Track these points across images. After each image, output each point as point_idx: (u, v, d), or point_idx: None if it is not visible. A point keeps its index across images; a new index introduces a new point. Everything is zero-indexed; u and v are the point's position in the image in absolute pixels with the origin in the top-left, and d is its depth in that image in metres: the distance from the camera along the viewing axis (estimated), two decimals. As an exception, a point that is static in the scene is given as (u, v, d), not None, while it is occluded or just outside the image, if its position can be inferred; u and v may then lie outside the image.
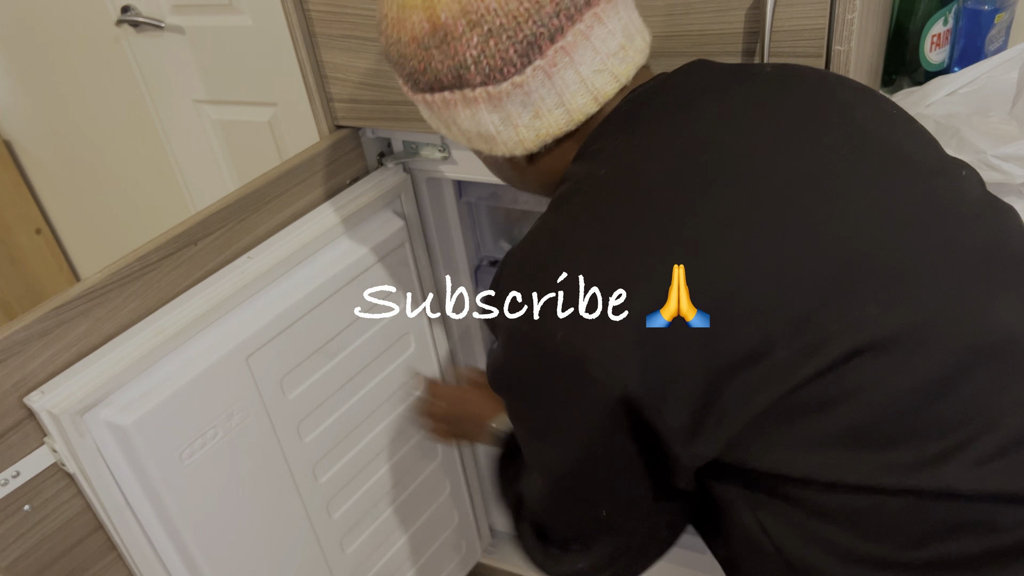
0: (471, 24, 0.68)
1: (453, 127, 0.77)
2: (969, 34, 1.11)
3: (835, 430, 0.60)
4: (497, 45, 0.68)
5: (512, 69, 0.69)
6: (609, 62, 0.72)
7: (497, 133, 0.74)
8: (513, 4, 0.68)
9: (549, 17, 0.68)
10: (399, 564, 1.46)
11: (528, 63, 0.69)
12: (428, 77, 0.72)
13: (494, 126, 0.74)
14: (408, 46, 0.72)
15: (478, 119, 0.73)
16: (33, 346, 0.89)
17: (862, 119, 0.71)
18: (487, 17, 0.68)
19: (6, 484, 0.88)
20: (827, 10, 0.86)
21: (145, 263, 0.97)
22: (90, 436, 0.92)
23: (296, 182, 1.13)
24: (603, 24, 0.71)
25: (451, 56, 0.70)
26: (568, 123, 0.73)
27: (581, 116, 0.73)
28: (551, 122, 0.73)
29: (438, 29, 0.69)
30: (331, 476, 1.24)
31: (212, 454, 1.03)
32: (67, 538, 0.96)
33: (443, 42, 0.69)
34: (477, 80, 0.70)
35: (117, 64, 2.10)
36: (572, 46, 0.70)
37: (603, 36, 0.71)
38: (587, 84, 0.72)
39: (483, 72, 0.70)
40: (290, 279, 1.10)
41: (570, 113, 0.73)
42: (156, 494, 0.98)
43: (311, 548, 1.24)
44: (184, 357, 0.98)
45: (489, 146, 0.77)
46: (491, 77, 0.70)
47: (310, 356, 1.15)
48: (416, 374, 1.34)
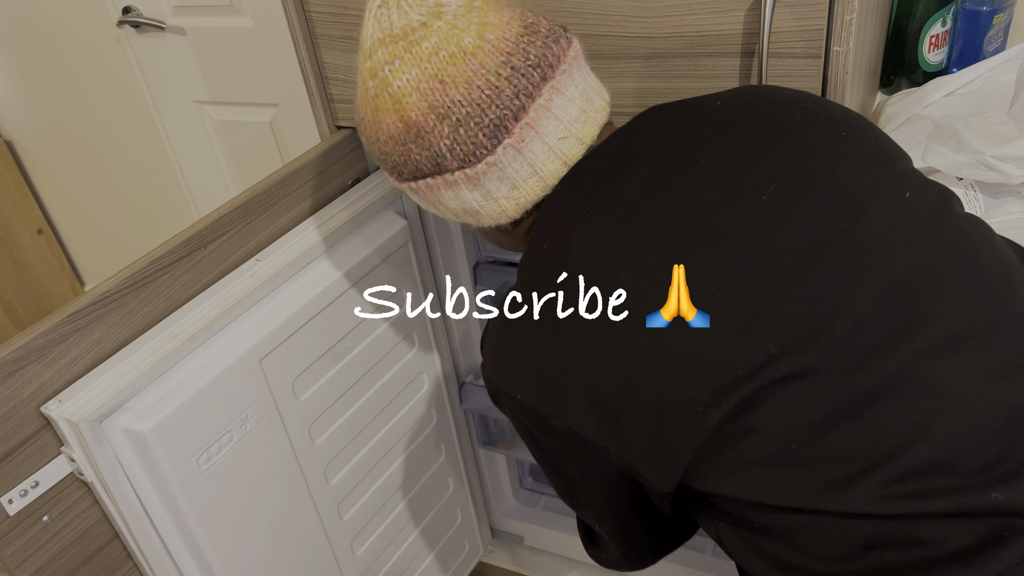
0: (440, 117, 0.75)
1: (440, 207, 0.83)
2: (967, 35, 1.11)
3: (753, 457, 0.65)
4: (467, 132, 0.75)
5: (484, 151, 0.76)
6: (573, 127, 0.78)
7: (481, 208, 0.80)
8: (475, 93, 0.74)
9: (509, 99, 0.74)
10: (406, 564, 1.47)
11: (498, 143, 0.75)
12: (410, 168, 0.79)
13: (477, 202, 0.80)
14: (387, 144, 0.79)
15: (461, 198, 0.80)
16: (50, 354, 0.88)
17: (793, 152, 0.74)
18: (453, 109, 0.74)
19: (25, 495, 0.88)
20: (826, 11, 0.86)
21: (157, 267, 0.97)
22: (108, 444, 0.92)
23: (301, 183, 1.14)
24: (562, 94, 0.77)
25: (427, 148, 0.76)
26: (544, 188, 0.79)
27: (554, 180, 0.79)
28: (528, 191, 0.79)
29: (411, 127, 0.76)
30: (341, 478, 1.25)
31: (228, 458, 1.03)
32: (85, 549, 0.96)
33: (417, 137, 0.76)
34: (454, 165, 0.76)
35: (118, 65, 2.10)
36: (536, 120, 0.76)
37: (563, 105, 0.77)
38: (555, 151, 0.78)
39: (458, 158, 0.76)
40: (299, 280, 1.11)
41: (544, 180, 0.79)
42: (173, 500, 0.98)
43: (323, 551, 1.25)
44: (199, 361, 0.99)
45: (476, 219, 0.83)
46: (466, 161, 0.76)
47: (320, 357, 1.15)
48: None
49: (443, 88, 0.74)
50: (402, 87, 0.75)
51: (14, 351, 0.85)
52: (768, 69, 0.91)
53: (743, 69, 0.94)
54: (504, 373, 0.75)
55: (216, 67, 1.95)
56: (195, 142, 2.13)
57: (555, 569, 1.70)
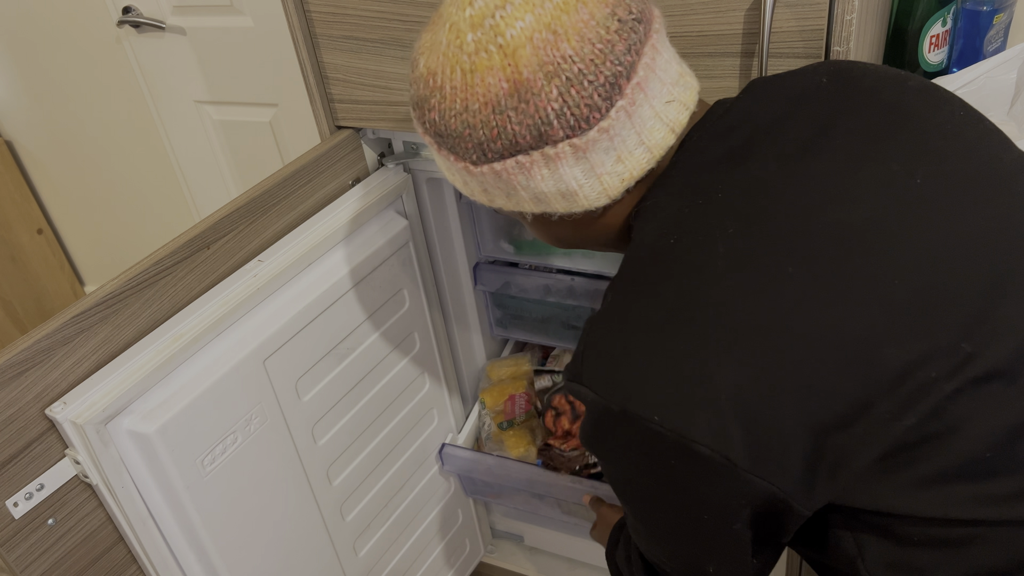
0: (548, 76, 0.64)
1: (521, 192, 0.70)
2: (968, 35, 1.11)
3: (937, 468, 0.60)
4: (580, 93, 0.64)
5: (597, 115, 0.65)
6: (675, 91, 0.70)
7: (579, 187, 0.69)
8: (587, 48, 0.64)
9: (622, 54, 0.65)
10: (408, 565, 1.47)
11: (611, 106, 0.65)
12: (501, 143, 0.66)
13: (576, 181, 0.68)
14: (478, 113, 0.66)
15: (559, 176, 0.68)
16: (54, 356, 0.88)
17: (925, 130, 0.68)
18: (564, 66, 0.64)
19: (31, 498, 0.88)
20: (826, 11, 0.86)
21: (160, 268, 0.97)
22: (113, 446, 0.92)
23: (302, 183, 1.14)
24: (660, 54, 0.69)
25: (531, 114, 0.65)
26: (649, 161, 0.69)
27: (660, 151, 0.70)
28: (633, 164, 0.69)
29: (519, 87, 0.64)
30: (344, 478, 1.25)
31: (232, 460, 1.03)
32: (90, 551, 0.96)
33: (522, 101, 0.64)
34: (560, 134, 0.65)
35: (118, 65, 2.10)
36: (644, 80, 0.67)
37: (664, 66, 0.69)
38: (661, 117, 0.69)
39: (567, 124, 0.65)
40: (301, 281, 1.11)
41: (651, 150, 0.69)
42: (178, 502, 0.98)
43: (326, 552, 1.25)
44: (203, 362, 0.99)
45: (568, 204, 0.71)
46: (576, 127, 0.65)
47: (323, 358, 1.16)
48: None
49: (555, 41, 0.63)
50: (516, 36, 0.63)
51: (18, 354, 0.85)
52: (768, 69, 0.91)
53: (743, 69, 0.94)
54: (635, 395, 0.62)
55: (216, 67, 1.95)
56: (195, 142, 2.13)
57: (555, 569, 1.70)
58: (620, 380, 0.64)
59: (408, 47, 1.10)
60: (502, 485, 1.43)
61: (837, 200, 0.64)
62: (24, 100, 2.36)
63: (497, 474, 1.40)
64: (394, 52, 1.11)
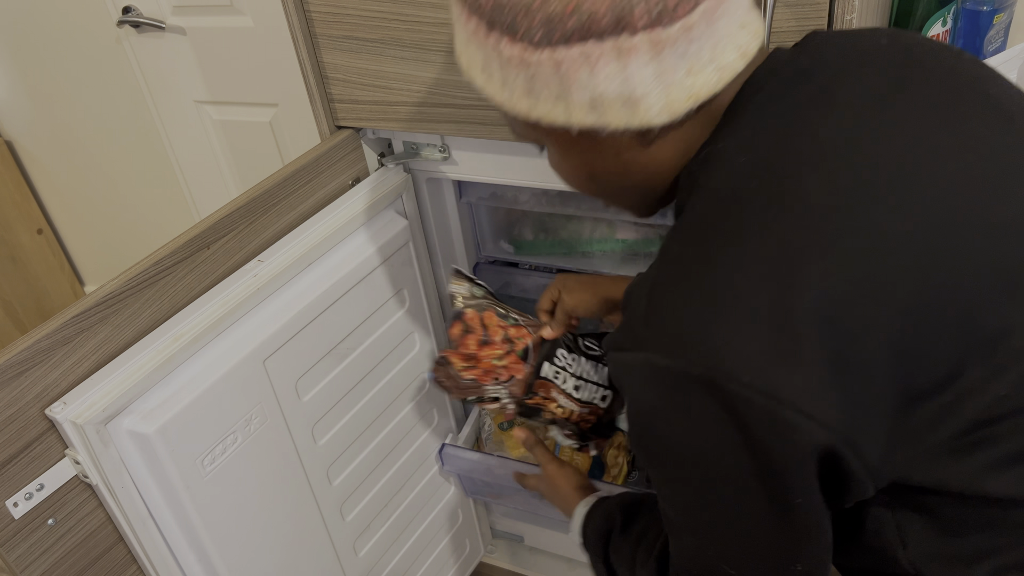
0: None
1: (576, 94, 0.60)
2: (968, 35, 1.11)
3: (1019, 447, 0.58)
4: None
5: (686, 8, 0.57)
6: (748, 16, 0.63)
7: (646, 94, 0.60)
8: None
9: None
10: (408, 565, 1.47)
11: (697, 3, 0.57)
12: (574, 21, 0.56)
13: (645, 84, 0.59)
14: None
15: (627, 75, 0.59)
16: (54, 356, 0.88)
17: (996, 96, 0.66)
18: None
19: (31, 498, 0.88)
20: (826, 11, 0.86)
21: (160, 268, 0.97)
22: (113, 446, 0.92)
23: (302, 183, 1.14)
24: None
25: None
26: (718, 82, 0.61)
27: (729, 75, 0.62)
28: (702, 81, 0.60)
29: None
30: (344, 478, 1.25)
31: (232, 460, 1.03)
32: (90, 552, 0.96)
33: None
34: (642, 22, 0.56)
35: (118, 65, 2.10)
36: None
37: None
38: (734, 39, 0.61)
39: (652, 11, 0.56)
40: (301, 281, 1.11)
41: (720, 71, 0.61)
42: (178, 502, 0.98)
43: (326, 553, 1.25)
44: (203, 362, 0.99)
45: (627, 115, 0.61)
46: (661, 17, 0.56)
47: (323, 358, 1.16)
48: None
49: None
50: None
51: (18, 353, 0.85)
52: (769, 70, 0.91)
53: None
54: (725, 352, 0.56)
55: (216, 67, 1.95)
56: (195, 142, 2.14)
57: (555, 569, 1.70)
58: (703, 338, 0.57)
59: (408, 47, 1.10)
60: (502, 485, 1.43)
61: (933, 157, 0.60)
62: (24, 100, 2.37)
63: (497, 474, 1.40)
64: (394, 52, 1.11)
